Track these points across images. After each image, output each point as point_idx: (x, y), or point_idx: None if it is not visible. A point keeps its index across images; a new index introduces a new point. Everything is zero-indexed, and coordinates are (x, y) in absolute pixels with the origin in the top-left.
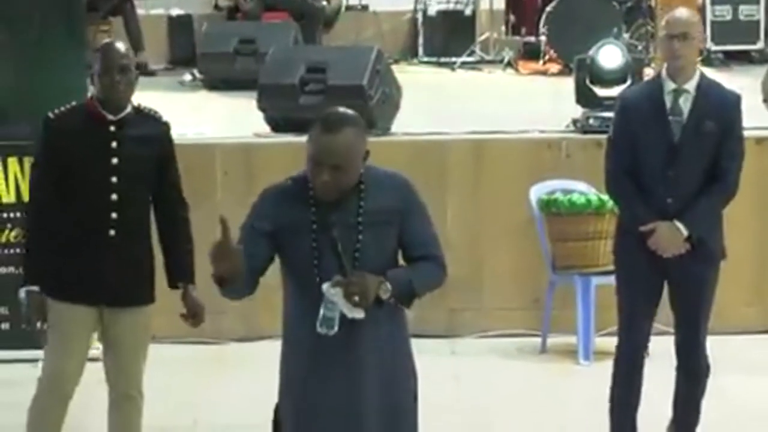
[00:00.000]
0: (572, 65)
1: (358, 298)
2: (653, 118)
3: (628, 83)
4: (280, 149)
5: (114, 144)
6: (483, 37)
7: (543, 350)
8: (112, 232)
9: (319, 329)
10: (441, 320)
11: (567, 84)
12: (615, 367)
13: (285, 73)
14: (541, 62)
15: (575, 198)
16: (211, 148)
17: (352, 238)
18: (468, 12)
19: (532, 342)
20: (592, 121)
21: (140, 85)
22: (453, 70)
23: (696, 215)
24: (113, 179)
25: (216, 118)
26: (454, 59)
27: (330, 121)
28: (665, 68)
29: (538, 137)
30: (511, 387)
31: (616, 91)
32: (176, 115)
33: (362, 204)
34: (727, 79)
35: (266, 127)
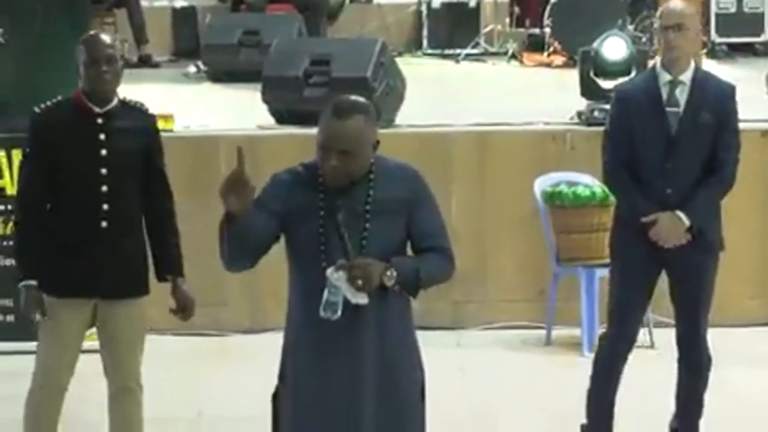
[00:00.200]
0: (576, 57)
1: (362, 283)
2: (650, 110)
3: (633, 75)
4: (285, 141)
5: (102, 136)
6: (487, 29)
7: (547, 342)
8: (104, 224)
9: (323, 313)
10: (446, 312)
11: (571, 76)
12: (597, 360)
13: (289, 66)
14: (546, 54)
15: (579, 190)
16: (215, 140)
17: (360, 226)
18: (472, 4)
19: (537, 334)
20: (597, 114)
21: (144, 77)
22: (457, 62)
23: (695, 206)
24: (103, 171)
25: (220, 110)
26: (459, 51)
27: (341, 108)
28: (660, 60)
29: (543, 129)
30: (516, 379)
31: None
32: (180, 107)
33: (371, 193)
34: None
35: (270, 119)
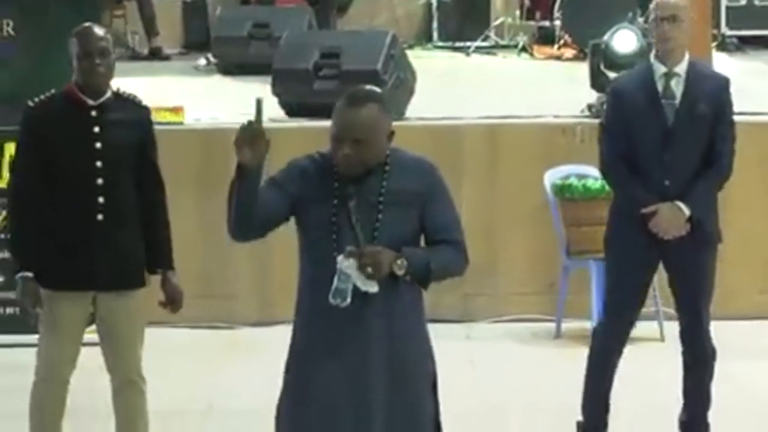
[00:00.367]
0: (587, 50)
1: (371, 270)
2: (646, 103)
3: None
4: (295, 134)
5: (96, 129)
6: (498, 22)
7: (557, 335)
8: (100, 217)
9: (332, 300)
10: (456, 305)
11: (582, 69)
12: (591, 354)
13: (299, 58)
14: (556, 47)
15: (589, 183)
16: (225, 133)
17: (372, 217)
18: None
19: (547, 327)
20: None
21: (154, 70)
22: (467, 55)
23: (693, 197)
24: (98, 164)
25: (230, 103)
26: (469, 44)
27: (355, 97)
28: (654, 52)
29: (553, 122)
30: (526, 371)
31: None
32: (190, 100)
33: (385, 184)
34: (742, 64)
35: (280, 112)
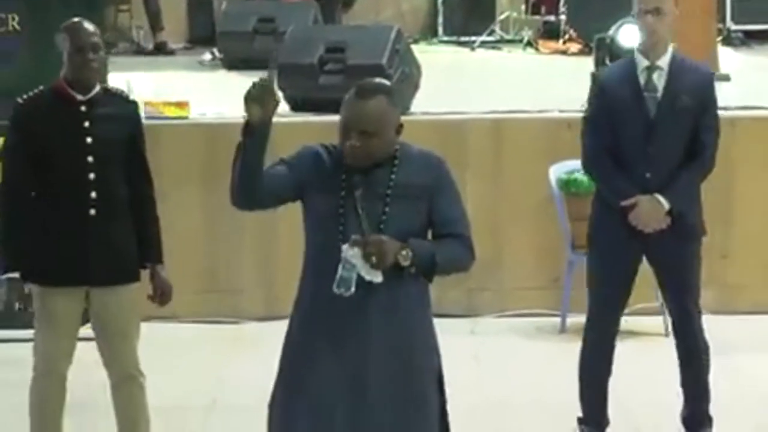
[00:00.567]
0: (592, 44)
1: (375, 259)
2: (629, 96)
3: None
4: (299, 129)
5: (86, 124)
6: (503, 17)
7: (562, 330)
8: (93, 212)
9: (336, 290)
10: (460, 300)
11: (587, 63)
12: (584, 352)
13: (304, 53)
14: (561, 41)
15: None
16: (231, 128)
17: (379, 209)
18: None
19: (552, 321)
20: None
21: (159, 65)
22: (473, 50)
23: (675, 190)
24: (89, 159)
25: (235, 98)
26: (474, 39)
27: (364, 88)
28: (638, 45)
29: (558, 117)
30: (531, 366)
31: None
32: (195, 95)
33: (393, 177)
34: (748, 59)
35: (285, 107)
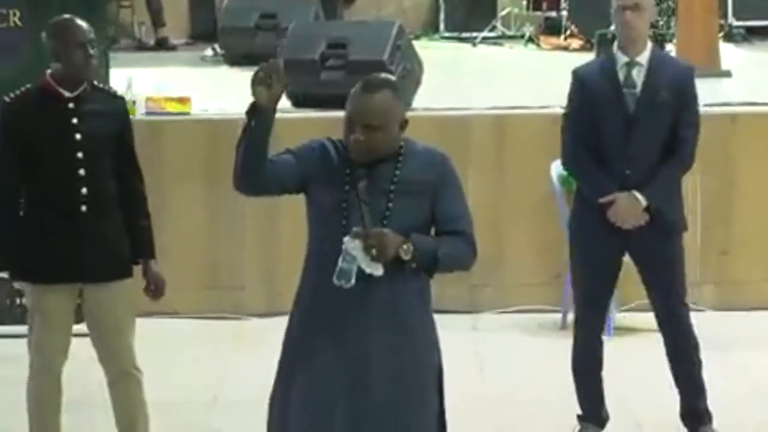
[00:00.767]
0: (593, 40)
1: (376, 252)
2: (608, 92)
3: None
4: (301, 125)
5: (75, 120)
6: (504, 13)
7: (563, 326)
8: (84, 208)
9: (336, 281)
10: (462, 296)
11: (588, 59)
12: (575, 351)
13: (306, 49)
14: (563, 37)
15: None
16: (232, 124)
17: (382, 204)
18: None
19: (553, 318)
20: None
21: (161, 60)
22: (474, 46)
23: (653, 186)
24: (79, 155)
25: (237, 94)
26: (475, 35)
27: (370, 83)
28: (617, 41)
29: (560, 113)
30: (532, 362)
31: None
32: (197, 91)
33: (397, 173)
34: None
35: (287, 103)
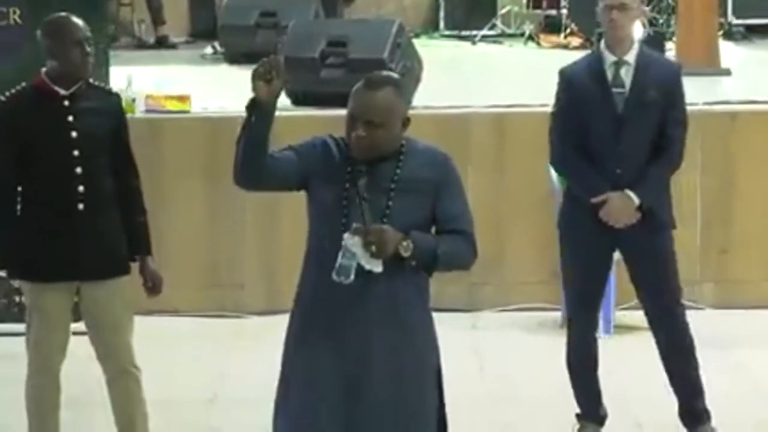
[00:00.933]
0: (593, 39)
1: (376, 248)
2: (596, 91)
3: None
4: (301, 123)
5: (70, 118)
6: (504, 11)
7: (563, 324)
8: (81, 206)
9: (335, 277)
10: (462, 294)
11: None
12: (569, 351)
13: (306, 47)
14: (563, 36)
15: None
16: (232, 122)
17: (383, 203)
18: None
19: (553, 316)
20: None
21: (161, 59)
22: (474, 44)
23: (645, 185)
24: (75, 153)
25: (237, 92)
26: (475, 33)
27: (373, 80)
28: (604, 41)
29: None
30: (532, 360)
31: None
32: (197, 89)
33: (398, 171)
34: (749, 53)
35: (286, 101)
